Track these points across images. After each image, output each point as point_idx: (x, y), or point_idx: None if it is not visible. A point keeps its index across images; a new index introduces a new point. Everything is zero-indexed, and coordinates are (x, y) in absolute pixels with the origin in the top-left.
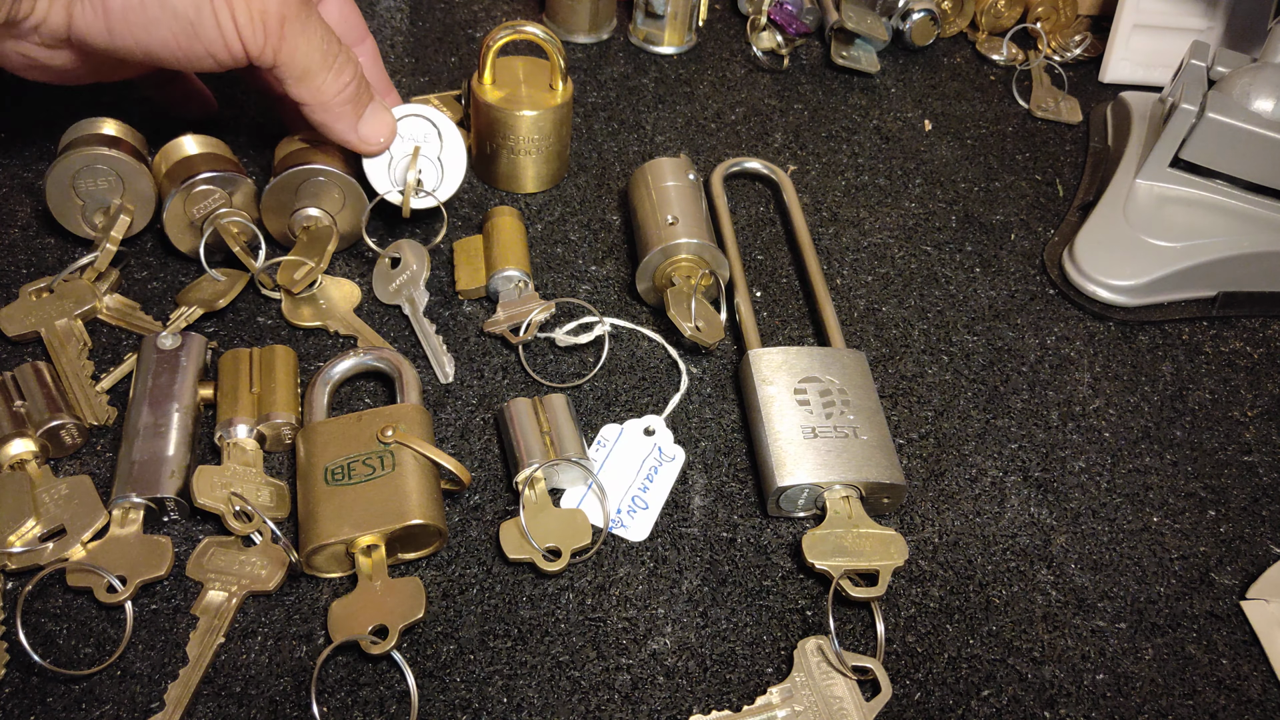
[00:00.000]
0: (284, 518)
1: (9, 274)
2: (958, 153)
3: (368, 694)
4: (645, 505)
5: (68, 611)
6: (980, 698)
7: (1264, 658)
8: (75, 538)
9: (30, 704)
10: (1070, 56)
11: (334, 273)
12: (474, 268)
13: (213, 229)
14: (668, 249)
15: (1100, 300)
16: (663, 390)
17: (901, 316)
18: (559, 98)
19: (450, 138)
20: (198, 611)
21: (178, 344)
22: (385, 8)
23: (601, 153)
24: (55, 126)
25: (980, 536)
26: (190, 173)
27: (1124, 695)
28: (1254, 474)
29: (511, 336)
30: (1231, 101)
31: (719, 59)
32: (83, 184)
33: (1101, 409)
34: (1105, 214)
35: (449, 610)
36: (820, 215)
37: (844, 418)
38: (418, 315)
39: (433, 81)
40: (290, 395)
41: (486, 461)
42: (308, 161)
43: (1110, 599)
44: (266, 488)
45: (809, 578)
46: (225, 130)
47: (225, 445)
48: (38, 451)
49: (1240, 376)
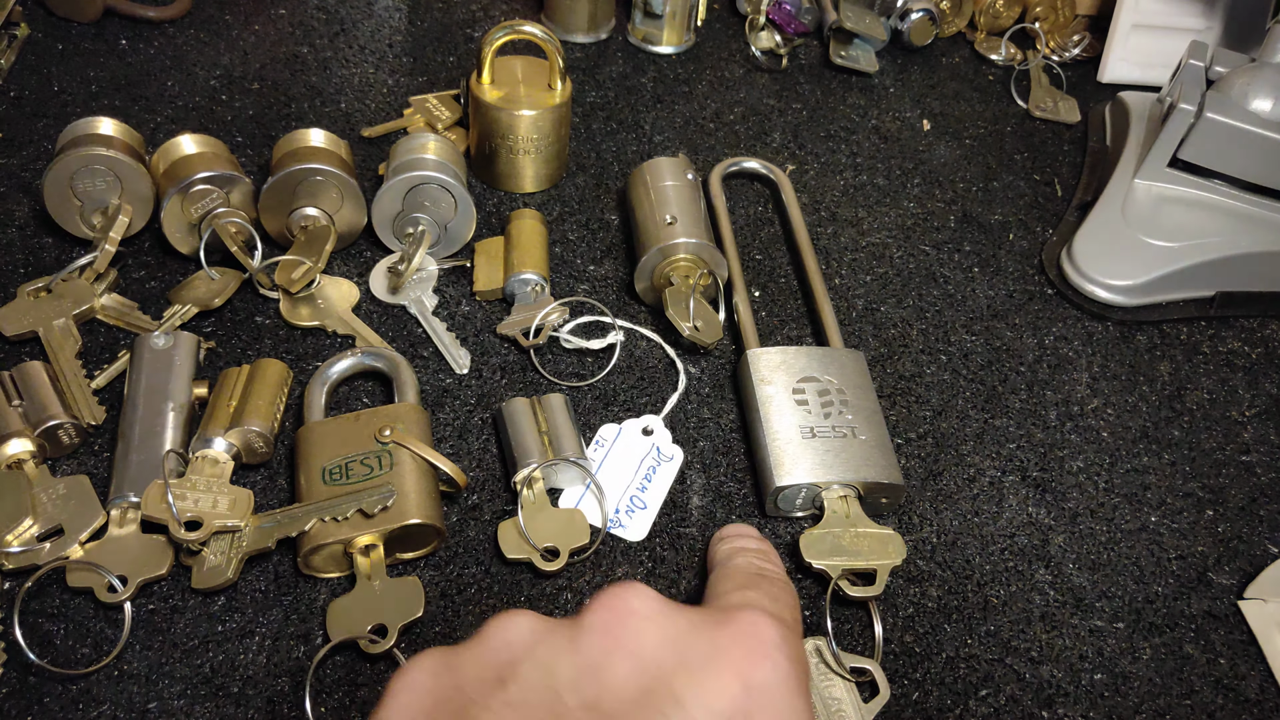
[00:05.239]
0: (242, 524)
1: (7, 274)
2: (956, 152)
3: (366, 694)
4: (643, 505)
5: (65, 611)
6: (978, 697)
7: (1261, 657)
8: (73, 538)
9: (28, 704)
10: (1069, 56)
11: (332, 272)
12: (493, 269)
13: (210, 229)
14: (666, 249)
15: (1098, 300)
16: (661, 390)
17: (900, 316)
18: (558, 97)
19: (464, 210)
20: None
21: (170, 344)
22: (383, 7)
23: (600, 152)
24: (53, 126)
25: (978, 536)
26: (188, 172)
27: (1122, 695)
28: (1252, 473)
29: (523, 339)
30: (1230, 101)
31: (717, 59)
32: (81, 184)
33: (1100, 409)
34: (1103, 214)
35: (447, 610)
36: (819, 215)
37: (842, 417)
38: (427, 315)
39: (431, 81)
40: (266, 406)
41: (485, 461)
42: (305, 161)
43: (1108, 599)
44: (226, 497)
45: (807, 577)
46: (223, 130)
47: (194, 458)
48: (35, 451)
49: (1238, 376)
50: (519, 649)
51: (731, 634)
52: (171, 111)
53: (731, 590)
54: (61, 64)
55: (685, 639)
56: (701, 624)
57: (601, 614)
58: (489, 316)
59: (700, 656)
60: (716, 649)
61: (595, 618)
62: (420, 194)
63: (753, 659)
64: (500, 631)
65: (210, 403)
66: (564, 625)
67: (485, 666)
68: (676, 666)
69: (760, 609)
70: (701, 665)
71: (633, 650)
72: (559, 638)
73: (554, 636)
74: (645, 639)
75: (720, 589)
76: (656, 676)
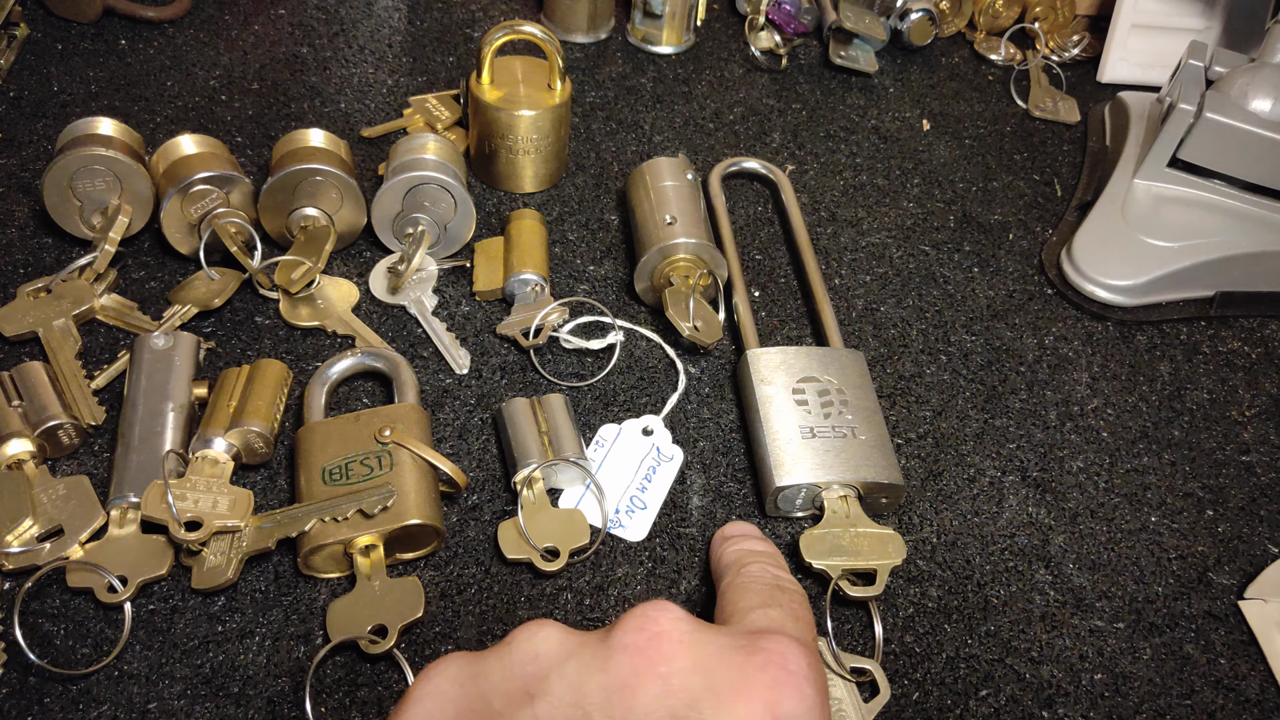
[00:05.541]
0: (242, 525)
1: (7, 274)
2: (956, 152)
3: (366, 694)
4: (643, 505)
5: (65, 611)
6: (978, 698)
7: (1262, 657)
8: (73, 538)
9: (28, 704)
10: (1068, 56)
11: (332, 273)
12: (492, 269)
13: (210, 229)
14: (666, 249)
15: (1098, 300)
16: (661, 390)
17: (900, 316)
18: (557, 97)
19: (464, 210)
20: None
21: (170, 344)
22: (383, 7)
23: (600, 152)
24: (52, 126)
25: (978, 536)
26: (188, 172)
27: (1122, 695)
28: (1251, 473)
29: (523, 340)
30: (1229, 101)
31: (717, 59)
32: (80, 184)
33: (1100, 409)
34: (1103, 214)
35: (447, 610)
36: (818, 215)
37: (842, 417)
38: (426, 316)
39: (430, 81)
40: (266, 406)
41: (485, 461)
42: (305, 161)
43: (1108, 599)
44: (225, 497)
45: (807, 577)
46: (223, 130)
47: (194, 459)
48: (35, 451)
49: (1238, 376)
50: (547, 662)
51: (760, 662)
52: (171, 112)
53: (754, 608)
54: (61, 64)
55: (714, 664)
56: (730, 649)
57: (632, 634)
58: (489, 317)
59: (729, 684)
60: (745, 677)
61: (626, 638)
62: (420, 194)
63: (781, 690)
64: (528, 642)
65: (210, 403)
66: (592, 642)
67: (513, 679)
68: (705, 692)
69: (787, 635)
70: (730, 692)
71: (662, 673)
72: (587, 655)
73: (583, 653)
74: (675, 663)
75: (741, 604)
76: (685, 702)
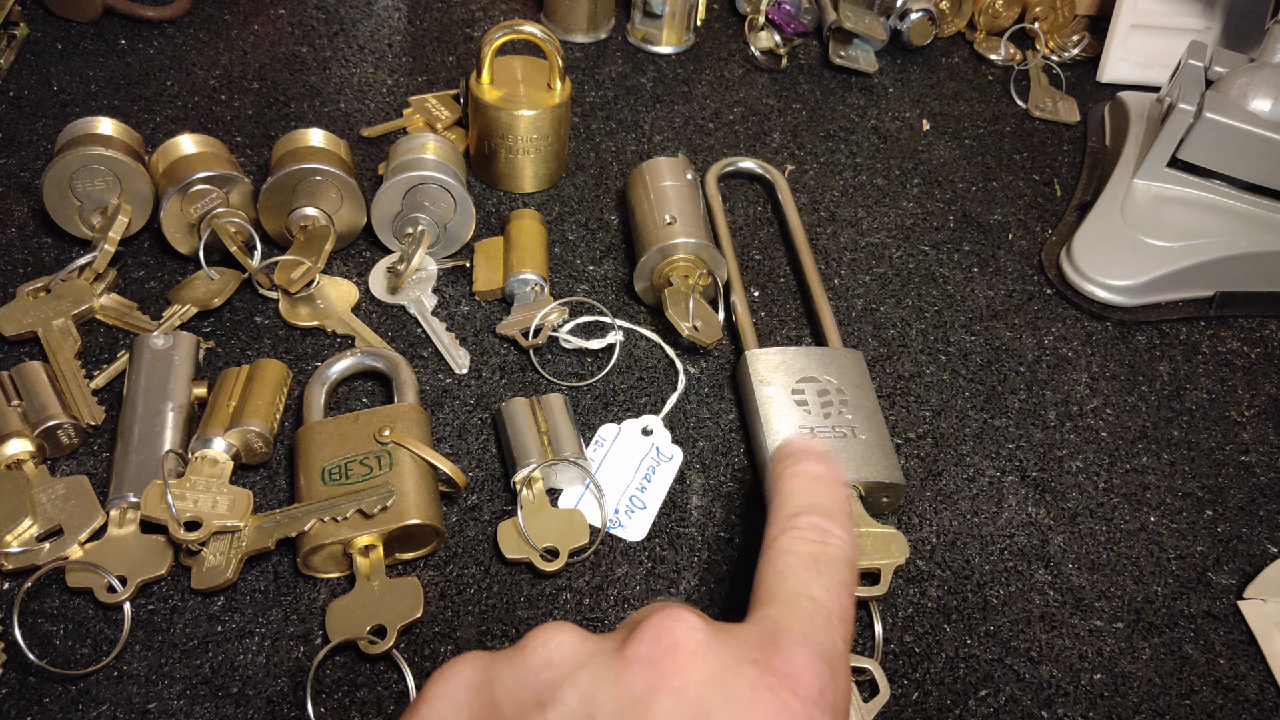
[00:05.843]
0: (242, 525)
1: (6, 274)
2: (955, 152)
3: (365, 694)
4: (643, 505)
5: (65, 612)
6: (978, 697)
7: (1261, 657)
8: (73, 538)
9: (27, 704)
10: (1068, 56)
11: (331, 272)
12: (492, 269)
13: (210, 229)
14: (665, 249)
15: (1098, 300)
16: (660, 390)
17: (899, 316)
18: (557, 97)
19: (463, 210)
20: None
21: (170, 344)
22: (383, 7)
23: (599, 152)
24: (52, 126)
25: (978, 536)
26: (187, 172)
27: (1121, 695)
28: (1251, 473)
29: (522, 340)
30: (1229, 101)
31: (717, 59)
32: (80, 184)
33: (1099, 409)
34: (1103, 214)
35: (447, 610)
36: (818, 215)
37: (842, 417)
38: (426, 315)
39: (430, 81)
40: (266, 406)
41: (484, 461)
42: (305, 161)
43: (1108, 599)
44: (225, 497)
45: None
46: (223, 130)
47: (194, 458)
48: (35, 451)
49: (1237, 376)
50: (561, 669)
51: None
52: (171, 111)
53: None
54: (61, 64)
55: (730, 677)
56: (746, 663)
57: (647, 645)
58: (488, 316)
59: (743, 701)
60: (756, 698)
61: (641, 648)
62: (420, 194)
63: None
64: (542, 647)
65: (210, 403)
66: (606, 650)
67: (525, 686)
68: (720, 708)
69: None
70: (744, 708)
71: (676, 687)
72: (602, 664)
73: (597, 662)
74: (689, 675)
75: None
76: (698, 716)
